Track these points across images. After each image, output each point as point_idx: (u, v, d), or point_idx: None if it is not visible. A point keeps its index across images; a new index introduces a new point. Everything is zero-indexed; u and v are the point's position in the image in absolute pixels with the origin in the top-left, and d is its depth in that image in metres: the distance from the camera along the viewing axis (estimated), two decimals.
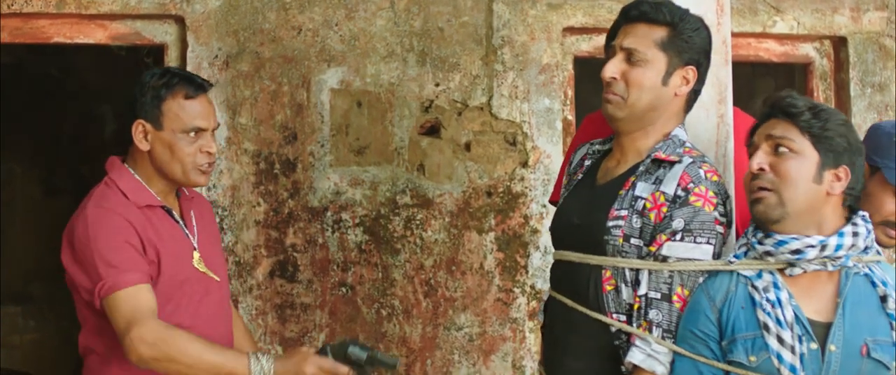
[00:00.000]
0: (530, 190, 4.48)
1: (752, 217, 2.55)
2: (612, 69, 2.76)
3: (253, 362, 2.68)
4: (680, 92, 2.76)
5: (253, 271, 4.29)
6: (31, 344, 7.21)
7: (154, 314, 2.68)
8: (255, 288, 4.28)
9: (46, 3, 4.23)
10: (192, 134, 2.86)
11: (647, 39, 2.73)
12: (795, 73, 5.15)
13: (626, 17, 2.80)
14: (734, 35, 4.13)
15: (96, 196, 2.85)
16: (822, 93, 4.88)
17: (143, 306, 2.67)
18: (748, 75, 5.99)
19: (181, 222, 2.97)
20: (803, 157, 2.48)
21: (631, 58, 2.74)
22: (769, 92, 5.90)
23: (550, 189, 4.37)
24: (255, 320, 4.27)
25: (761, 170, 2.50)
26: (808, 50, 4.90)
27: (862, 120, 4.78)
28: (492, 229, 4.46)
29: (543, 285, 4.42)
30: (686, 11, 2.77)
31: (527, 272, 4.47)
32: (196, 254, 2.94)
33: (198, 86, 2.89)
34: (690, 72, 2.75)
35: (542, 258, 4.44)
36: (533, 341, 4.42)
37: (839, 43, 4.86)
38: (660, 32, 2.73)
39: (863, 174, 2.56)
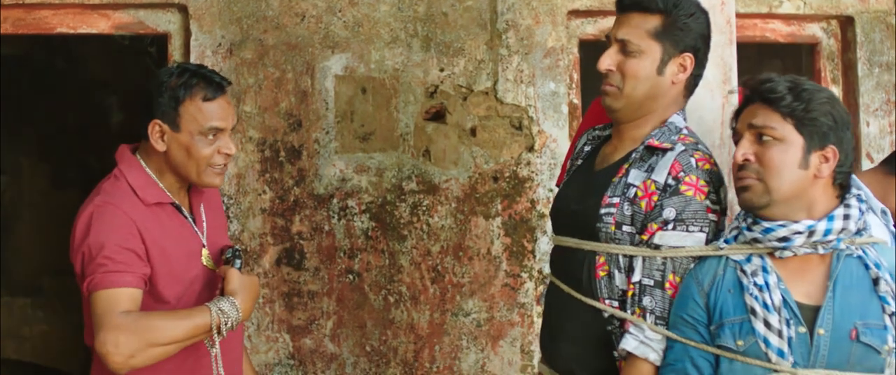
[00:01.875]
0: (537, 174, 4.47)
1: (740, 204, 2.52)
2: (608, 61, 2.74)
3: (214, 312, 2.65)
4: (677, 79, 2.73)
5: (259, 259, 4.28)
6: (41, 336, 7.23)
7: (123, 313, 2.58)
8: (262, 277, 4.28)
9: None
10: (211, 136, 2.80)
11: (640, 29, 2.71)
12: (802, 54, 5.13)
13: (621, 7, 2.78)
14: (740, 16, 4.12)
15: (104, 190, 2.78)
16: (829, 73, 4.85)
17: (115, 308, 2.58)
18: (755, 56, 5.96)
19: (190, 217, 2.91)
20: (787, 144, 2.44)
21: (625, 49, 2.72)
22: (777, 73, 5.90)
23: (557, 173, 4.36)
24: (262, 308, 4.27)
25: (746, 160, 2.47)
26: (814, 30, 4.87)
27: (870, 100, 4.75)
28: (498, 214, 4.44)
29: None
30: None
31: (534, 256, 4.46)
32: (205, 251, 2.89)
33: (217, 86, 2.81)
34: (687, 60, 2.72)
35: (549, 242, 4.42)
36: (541, 326, 4.41)
37: (846, 22, 4.83)
38: (653, 21, 2.70)
39: (852, 149, 2.51)
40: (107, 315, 2.57)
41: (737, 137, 2.52)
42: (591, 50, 4.59)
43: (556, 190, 3.17)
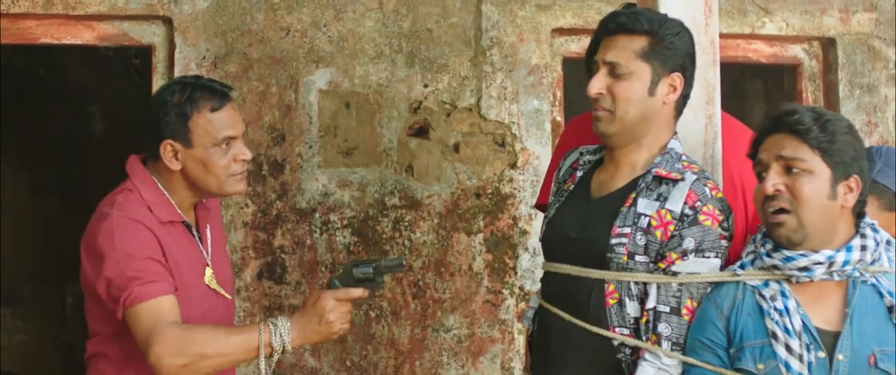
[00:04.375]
0: (519, 191, 4.48)
1: (771, 238, 2.51)
2: (598, 85, 2.71)
3: (272, 329, 2.63)
4: (668, 100, 2.71)
5: (241, 273, 4.27)
6: (20, 345, 7.18)
7: (174, 324, 2.60)
8: (243, 290, 4.27)
9: (33, 4, 4.21)
10: (224, 145, 2.76)
11: (628, 51, 2.68)
12: (784, 75, 5.15)
13: (606, 30, 2.75)
14: (723, 36, 4.13)
15: (119, 203, 2.74)
16: (810, 94, 4.88)
17: (163, 318, 2.59)
18: (737, 76, 5.99)
19: (197, 236, 2.88)
20: (816, 176, 2.45)
21: (614, 71, 2.69)
22: (758, 93, 5.92)
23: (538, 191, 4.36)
24: (242, 322, 4.26)
25: (777, 191, 2.47)
26: (796, 51, 4.90)
27: (851, 121, 4.78)
28: (480, 230, 4.45)
29: (532, 286, 4.41)
30: (665, 17, 2.73)
31: (515, 273, 4.46)
32: (209, 271, 2.86)
33: (221, 95, 2.78)
34: (677, 79, 2.71)
35: (530, 259, 4.43)
36: (521, 343, 4.42)
37: (828, 44, 4.86)
38: (640, 42, 2.68)
39: (868, 177, 2.54)
40: (156, 327, 2.58)
41: (762, 168, 2.52)
42: (574, 68, 4.61)
43: (537, 209, 3.14)
